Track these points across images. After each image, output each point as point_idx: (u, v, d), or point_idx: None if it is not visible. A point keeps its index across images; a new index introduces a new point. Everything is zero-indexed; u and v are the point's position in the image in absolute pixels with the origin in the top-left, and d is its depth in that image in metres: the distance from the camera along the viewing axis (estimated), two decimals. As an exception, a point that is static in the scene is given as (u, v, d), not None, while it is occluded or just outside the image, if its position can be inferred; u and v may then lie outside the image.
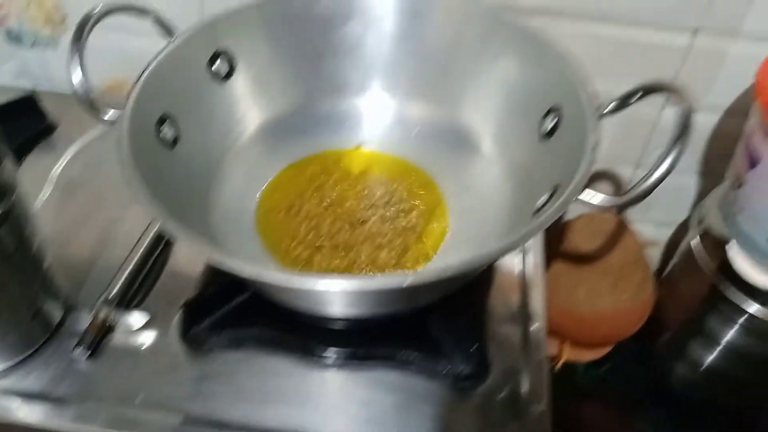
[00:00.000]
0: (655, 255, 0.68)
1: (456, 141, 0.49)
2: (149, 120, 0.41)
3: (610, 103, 0.40)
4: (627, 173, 0.61)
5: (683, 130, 0.35)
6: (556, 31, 0.50)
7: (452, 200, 0.47)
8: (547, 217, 0.34)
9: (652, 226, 0.65)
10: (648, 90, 0.39)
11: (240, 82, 0.48)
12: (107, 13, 0.42)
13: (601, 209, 0.35)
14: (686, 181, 0.60)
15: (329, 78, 0.51)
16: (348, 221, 0.45)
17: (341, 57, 0.50)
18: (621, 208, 0.35)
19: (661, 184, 0.34)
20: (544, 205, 0.38)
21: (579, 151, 0.37)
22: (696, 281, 0.54)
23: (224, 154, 0.47)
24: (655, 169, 0.34)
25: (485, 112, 0.48)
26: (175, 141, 0.43)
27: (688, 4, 0.48)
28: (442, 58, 0.49)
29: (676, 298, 0.57)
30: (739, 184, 0.46)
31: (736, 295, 0.49)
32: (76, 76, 0.39)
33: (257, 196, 0.47)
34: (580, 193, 0.34)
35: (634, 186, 0.34)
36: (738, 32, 0.49)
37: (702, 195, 0.60)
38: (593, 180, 0.62)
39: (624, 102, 0.40)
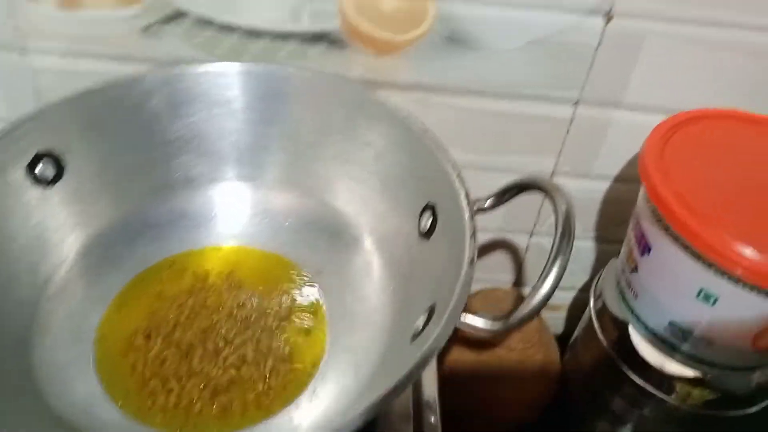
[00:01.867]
0: (559, 318, 0.65)
1: (331, 234, 0.44)
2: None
3: (487, 200, 0.37)
4: (522, 241, 0.57)
5: (564, 236, 0.31)
6: (433, 107, 0.47)
7: (330, 300, 0.41)
8: (424, 354, 0.28)
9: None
10: (523, 187, 0.35)
11: (71, 186, 0.41)
12: None
13: (484, 333, 0.30)
14: (584, 245, 0.57)
15: (175, 171, 0.44)
16: (201, 347, 0.38)
17: (186, 147, 0.44)
18: (505, 332, 0.30)
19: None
20: (422, 329, 0.32)
21: (457, 257, 0.32)
22: (598, 357, 0.51)
23: (51, 279, 0.40)
24: (539, 288, 0.30)
25: (361, 203, 0.43)
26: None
27: (567, 78, 0.45)
28: (308, 141, 0.44)
29: (581, 374, 0.54)
30: (633, 267, 0.43)
31: (636, 374, 0.46)
32: None
33: (94, 326, 0.39)
34: (458, 320, 0.30)
35: (519, 308, 0.30)
36: (619, 104, 0.47)
37: (600, 259, 0.58)
38: (488, 250, 0.59)
39: (500, 199, 0.36)
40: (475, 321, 0.30)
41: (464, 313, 0.30)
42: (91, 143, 0.41)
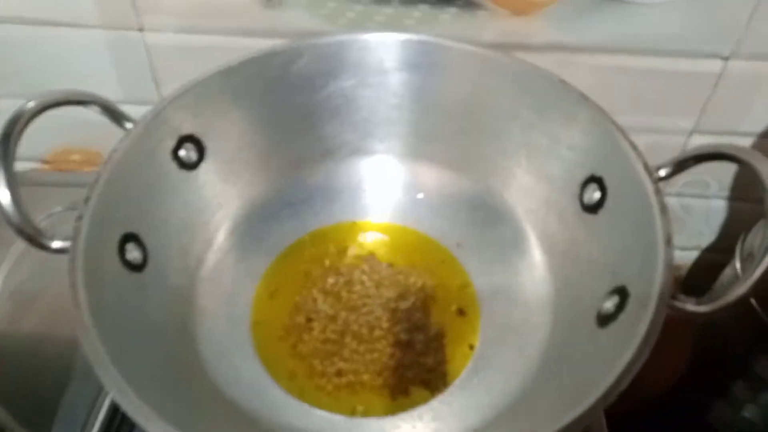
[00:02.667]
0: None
1: (479, 212, 0.42)
2: (110, 245, 0.33)
3: (663, 168, 0.34)
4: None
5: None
6: (571, 68, 0.45)
7: (481, 283, 0.40)
8: (641, 341, 0.27)
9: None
10: (710, 157, 0.33)
11: (213, 167, 0.40)
12: (42, 109, 0.33)
13: (694, 316, 0.29)
14: (715, 204, 0.54)
15: (319, 142, 0.43)
16: (356, 328, 0.38)
17: (330, 117, 0.43)
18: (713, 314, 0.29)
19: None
20: (616, 313, 0.31)
21: (645, 235, 0.31)
22: (744, 320, 0.48)
23: (202, 261, 0.40)
24: (756, 267, 0.28)
25: (510, 177, 0.41)
26: (143, 263, 0.35)
27: (722, 31, 0.42)
28: (458, 114, 0.42)
29: (721, 338, 0.52)
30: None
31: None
32: (5, 198, 0.31)
33: (248, 308, 0.39)
34: (666, 303, 0.28)
35: (733, 287, 0.28)
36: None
37: (734, 218, 0.55)
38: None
39: (679, 167, 0.34)
40: (685, 304, 0.28)
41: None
42: (231, 122, 0.40)
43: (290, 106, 0.41)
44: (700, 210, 0.54)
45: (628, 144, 0.34)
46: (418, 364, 0.36)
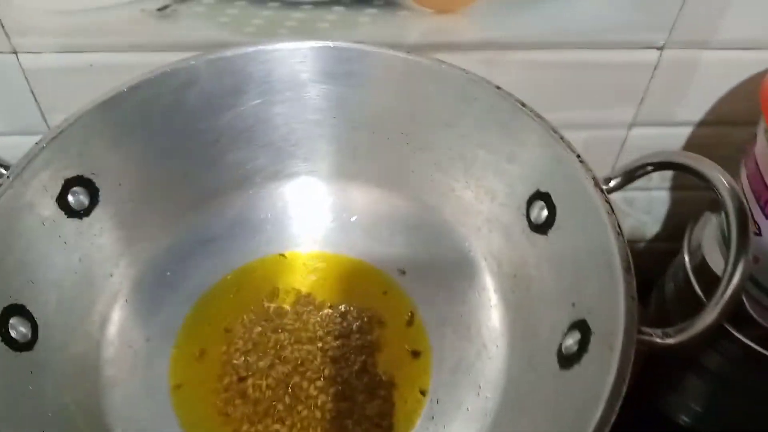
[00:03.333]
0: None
1: (419, 232, 0.38)
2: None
3: (612, 180, 0.31)
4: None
5: (742, 228, 0.26)
6: (502, 67, 0.41)
7: (429, 316, 0.36)
8: (613, 386, 0.24)
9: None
10: (662, 166, 0.30)
11: (109, 211, 0.35)
12: None
13: (663, 350, 0.26)
14: (657, 195, 0.53)
15: (232, 170, 0.38)
16: (293, 384, 0.34)
17: (242, 141, 0.38)
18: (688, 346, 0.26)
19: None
20: (579, 351, 0.28)
21: (601, 259, 0.28)
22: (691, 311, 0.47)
23: (107, 321, 0.34)
24: (723, 293, 0.25)
25: (447, 193, 0.37)
26: (32, 338, 0.30)
27: (654, 20, 0.39)
28: (385, 126, 0.38)
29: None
30: (754, 231, 0.38)
31: (742, 333, 0.43)
32: None
33: (166, 371, 0.34)
34: (634, 341, 0.25)
35: (700, 315, 0.26)
36: (709, 43, 0.41)
37: (677, 207, 0.53)
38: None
39: (630, 177, 0.31)
40: (653, 336, 0.26)
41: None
42: (125, 157, 0.35)
43: (193, 133, 0.36)
44: (642, 201, 0.53)
45: (573, 156, 0.31)
46: (365, 418, 0.32)
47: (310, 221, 0.40)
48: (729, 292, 0.25)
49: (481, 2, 0.38)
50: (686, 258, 0.46)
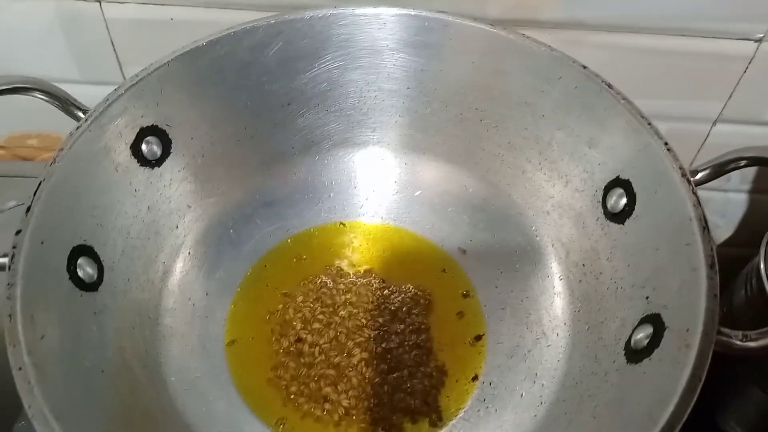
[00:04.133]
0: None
1: (484, 213, 0.38)
2: (57, 262, 0.28)
3: (701, 171, 0.30)
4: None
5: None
6: (584, 48, 0.39)
7: (487, 298, 0.35)
8: (685, 387, 0.22)
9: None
10: (756, 161, 0.28)
11: (180, 163, 0.35)
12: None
13: (742, 352, 0.24)
14: (735, 197, 0.50)
15: (301, 133, 0.38)
16: (348, 354, 0.33)
17: (314, 104, 0.37)
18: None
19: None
20: (649, 347, 0.26)
21: (684, 255, 0.26)
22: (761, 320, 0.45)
23: (169, 272, 0.35)
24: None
25: (521, 176, 0.36)
26: (98, 279, 0.30)
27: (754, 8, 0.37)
28: (460, 101, 0.37)
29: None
30: None
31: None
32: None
33: (223, 327, 0.34)
34: (712, 341, 0.24)
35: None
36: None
37: (754, 211, 0.51)
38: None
39: (719, 171, 0.29)
40: (732, 338, 0.24)
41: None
42: (199, 111, 0.35)
43: (267, 93, 0.36)
44: (717, 203, 0.50)
45: (661, 144, 0.29)
46: (414, 393, 0.32)
47: (375, 192, 0.39)
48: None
49: (570, -21, 0.36)
50: (762, 265, 0.44)
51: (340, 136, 0.39)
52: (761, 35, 0.39)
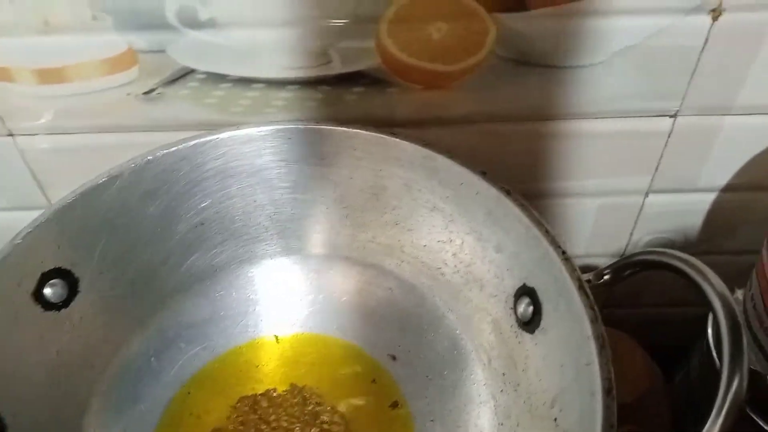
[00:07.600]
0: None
1: (401, 312, 0.37)
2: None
3: (602, 276, 0.29)
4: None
5: (736, 349, 0.23)
6: (501, 138, 0.39)
7: (417, 409, 0.34)
8: None
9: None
10: (652, 265, 0.27)
11: (89, 300, 0.34)
12: None
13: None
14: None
15: (218, 250, 0.37)
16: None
17: (229, 221, 0.37)
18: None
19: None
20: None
21: (574, 368, 0.25)
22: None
23: (83, 414, 0.34)
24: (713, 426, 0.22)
25: (433, 277, 0.35)
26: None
27: (663, 88, 0.37)
28: (373, 209, 0.36)
29: (695, 414, 0.46)
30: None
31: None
32: None
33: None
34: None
35: None
36: (729, 108, 0.38)
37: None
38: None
39: (618, 275, 0.28)
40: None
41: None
42: (105, 244, 0.35)
43: (167, 223, 0.36)
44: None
45: (559, 253, 0.28)
46: None
47: (301, 301, 0.39)
48: (725, 409, 0.22)
49: (473, 76, 0.36)
50: (710, 338, 0.43)
51: (261, 250, 0.38)
52: (676, 109, 0.38)
